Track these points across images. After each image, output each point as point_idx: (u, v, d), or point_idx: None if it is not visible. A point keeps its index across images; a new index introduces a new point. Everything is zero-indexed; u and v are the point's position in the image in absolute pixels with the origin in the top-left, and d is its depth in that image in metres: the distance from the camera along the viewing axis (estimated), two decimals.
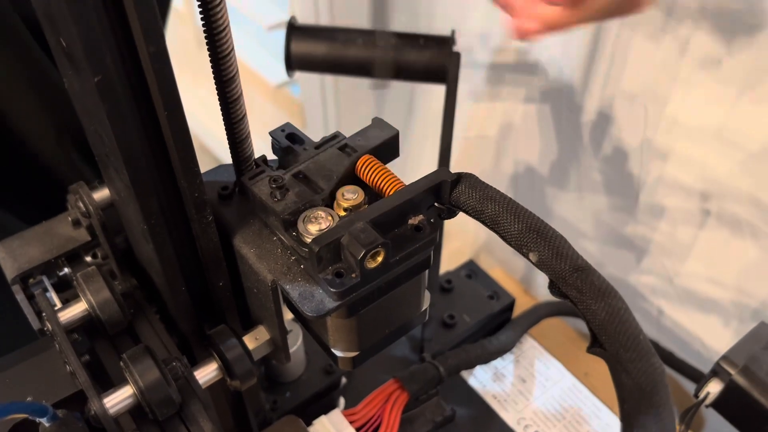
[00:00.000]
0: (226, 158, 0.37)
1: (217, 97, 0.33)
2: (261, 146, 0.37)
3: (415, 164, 0.88)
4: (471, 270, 0.67)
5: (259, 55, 1.21)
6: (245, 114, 0.34)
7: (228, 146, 0.35)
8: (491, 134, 0.78)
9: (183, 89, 0.29)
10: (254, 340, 0.38)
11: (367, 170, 0.34)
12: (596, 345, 0.28)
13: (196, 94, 1.11)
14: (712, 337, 0.65)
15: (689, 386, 0.69)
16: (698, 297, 0.64)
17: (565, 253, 0.29)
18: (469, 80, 0.74)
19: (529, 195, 0.76)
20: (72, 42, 0.27)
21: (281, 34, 0.62)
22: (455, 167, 0.66)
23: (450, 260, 0.72)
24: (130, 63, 0.28)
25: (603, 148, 0.66)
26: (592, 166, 0.68)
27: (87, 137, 0.35)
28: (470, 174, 0.33)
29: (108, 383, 0.36)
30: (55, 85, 0.52)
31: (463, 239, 0.83)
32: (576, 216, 0.73)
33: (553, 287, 0.29)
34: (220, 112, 0.33)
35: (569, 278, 0.28)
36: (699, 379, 0.58)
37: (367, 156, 0.34)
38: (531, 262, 0.30)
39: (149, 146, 0.31)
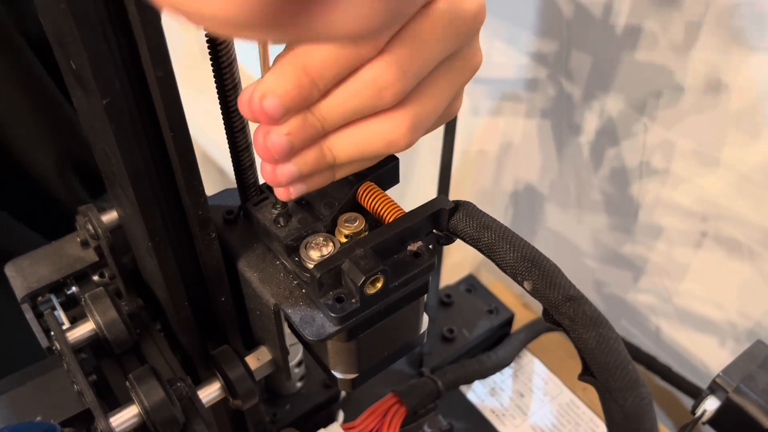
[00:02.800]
0: (225, 164, 0.37)
1: (224, 126, 0.34)
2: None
3: (414, 179, 0.89)
4: (470, 284, 0.68)
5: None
6: (251, 143, 0.35)
7: (233, 172, 0.36)
8: (491, 150, 0.79)
9: (185, 97, 0.29)
10: (256, 360, 0.39)
11: (367, 197, 0.35)
12: (587, 373, 0.29)
13: (198, 102, 1.12)
14: (708, 354, 0.66)
15: (687, 401, 0.69)
16: (695, 316, 0.65)
17: (558, 282, 0.30)
18: (469, 94, 0.75)
19: (529, 212, 0.77)
20: (82, 65, 0.28)
21: None
22: (454, 184, 0.67)
23: (450, 273, 0.73)
24: (138, 86, 0.29)
25: (602, 167, 0.67)
26: (592, 185, 0.68)
27: (93, 154, 0.36)
28: (468, 202, 0.34)
29: (114, 401, 0.37)
30: (59, 112, 0.52)
31: (463, 253, 0.84)
32: (575, 234, 0.73)
33: (546, 315, 0.30)
34: (226, 140, 0.34)
35: (562, 307, 0.29)
36: (696, 394, 0.59)
37: (367, 183, 0.35)
38: (525, 290, 0.31)
39: (154, 165, 0.32)
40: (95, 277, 0.42)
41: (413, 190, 0.88)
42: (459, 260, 0.82)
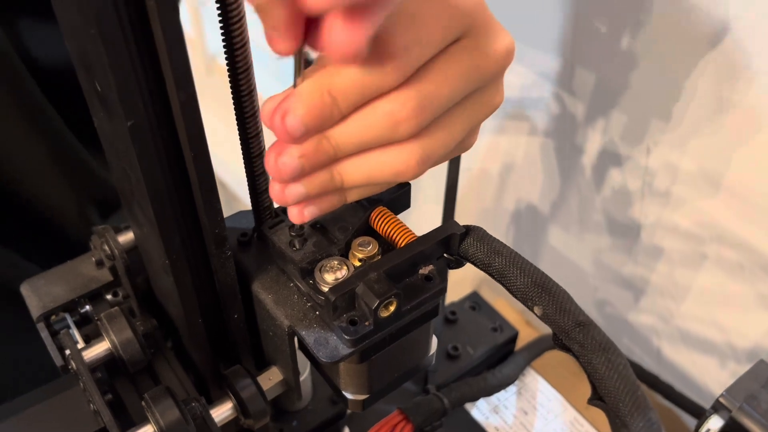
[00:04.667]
0: (232, 184, 0.38)
1: (242, 151, 0.34)
2: None
3: (418, 198, 0.90)
4: (475, 302, 0.69)
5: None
6: None
7: (249, 195, 0.37)
8: (494, 168, 0.79)
9: None
10: (268, 380, 0.39)
11: (380, 222, 0.36)
12: (596, 397, 0.30)
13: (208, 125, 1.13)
14: (709, 374, 0.67)
15: (688, 420, 0.70)
16: (696, 336, 0.66)
17: (568, 308, 0.30)
18: None
19: (531, 232, 0.78)
20: (107, 88, 0.28)
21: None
22: (456, 202, 0.68)
23: (453, 289, 0.73)
24: (161, 108, 0.29)
25: (604, 187, 0.68)
26: (594, 206, 0.69)
27: (111, 173, 0.36)
28: (478, 227, 0.35)
29: (128, 420, 0.38)
30: (77, 158, 0.52)
31: (465, 269, 0.84)
32: (577, 254, 0.74)
33: (556, 340, 0.31)
34: (243, 165, 0.35)
35: (572, 333, 0.30)
36: (698, 413, 0.59)
37: (380, 208, 0.36)
38: (536, 315, 0.31)
39: (174, 185, 0.32)
40: (108, 297, 0.43)
41: (416, 209, 0.89)
42: (461, 277, 0.83)
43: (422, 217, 0.88)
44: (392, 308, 0.32)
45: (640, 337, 0.72)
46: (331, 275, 0.34)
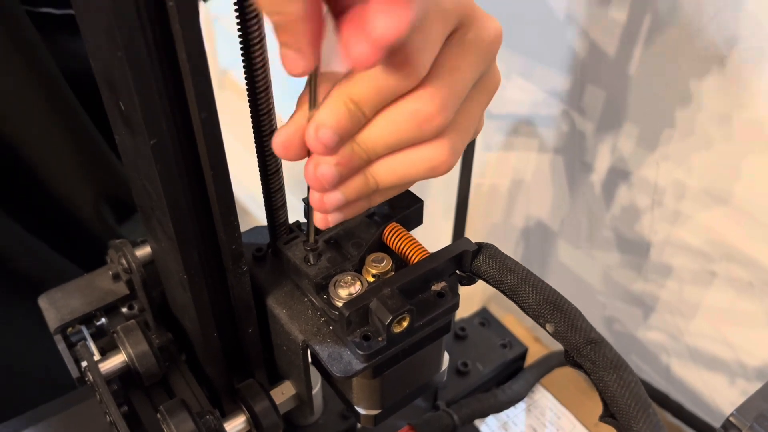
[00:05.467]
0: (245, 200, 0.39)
1: (258, 169, 0.35)
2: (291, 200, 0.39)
3: (427, 212, 0.90)
4: (484, 318, 0.69)
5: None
6: (283, 184, 0.36)
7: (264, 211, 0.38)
8: (504, 184, 0.80)
9: None
10: (281, 394, 0.40)
11: (393, 238, 0.36)
12: (607, 414, 0.30)
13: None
14: (719, 392, 0.67)
15: None
16: (706, 354, 0.66)
17: (579, 325, 0.31)
18: (483, 130, 0.77)
19: (540, 247, 0.78)
20: (131, 107, 0.29)
21: None
22: (467, 218, 0.69)
23: (462, 305, 0.74)
24: (183, 127, 0.30)
25: (614, 204, 0.68)
26: (603, 222, 0.70)
27: (132, 189, 0.37)
28: (490, 245, 0.35)
29: None
30: (98, 152, 0.54)
31: (475, 284, 0.84)
32: (586, 270, 0.74)
33: (568, 357, 0.31)
34: (260, 182, 0.36)
35: (583, 350, 0.30)
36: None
37: (393, 224, 0.37)
38: (547, 332, 0.32)
39: (193, 202, 0.33)
40: (124, 310, 0.44)
41: (427, 224, 0.89)
42: (470, 293, 0.83)
43: (433, 232, 0.89)
44: (405, 324, 0.33)
45: (650, 354, 0.72)
46: (345, 290, 0.35)
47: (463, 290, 0.35)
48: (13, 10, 0.45)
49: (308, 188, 0.31)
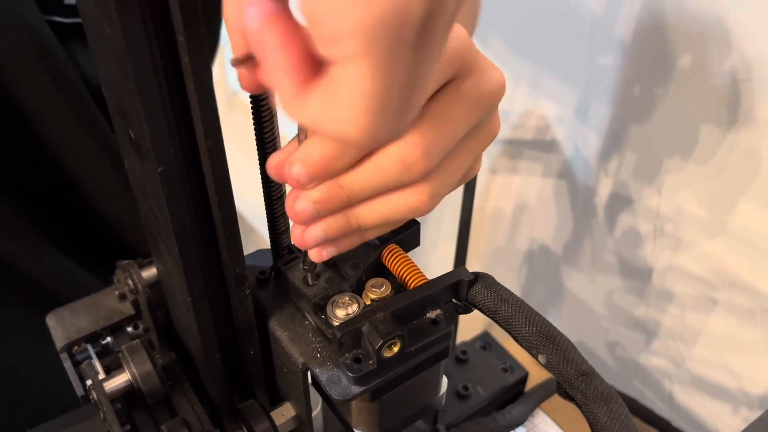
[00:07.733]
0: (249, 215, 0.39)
1: (263, 195, 0.36)
2: None
3: (429, 236, 0.91)
4: (486, 341, 0.69)
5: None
6: None
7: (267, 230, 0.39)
8: (507, 208, 0.81)
9: None
10: (281, 415, 0.41)
11: (391, 260, 0.37)
12: None
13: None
14: (722, 420, 0.67)
15: None
16: (708, 381, 0.66)
17: (571, 357, 0.31)
18: (487, 153, 0.78)
19: (543, 272, 0.79)
20: (141, 135, 0.30)
21: None
22: (470, 242, 0.69)
23: (464, 328, 0.74)
24: (190, 154, 0.31)
25: (616, 230, 0.69)
26: (606, 247, 0.70)
27: (140, 212, 0.38)
28: (487, 274, 0.36)
29: None
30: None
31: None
32: (589, 295, 0.75)
33: (560, 388, 0.32)
34: (264, 207, 0.37)
35: (574, 382, 0.31)
36: None
37: (391, 246, 0.38)
38: (540, 363, 0.32)
39: (198, 226, 0.34)
40: (129, 329, 0.44)
41: (430, 248, 0.90)
42: (472, 317, 0.84)
43: (435, 255, 0.89)
44: (396, 349, 0.33)
45: (652, 380, 0.72)
46: (343, 311, 0.35)
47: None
48: (35, 19, 0.46)
49: None
